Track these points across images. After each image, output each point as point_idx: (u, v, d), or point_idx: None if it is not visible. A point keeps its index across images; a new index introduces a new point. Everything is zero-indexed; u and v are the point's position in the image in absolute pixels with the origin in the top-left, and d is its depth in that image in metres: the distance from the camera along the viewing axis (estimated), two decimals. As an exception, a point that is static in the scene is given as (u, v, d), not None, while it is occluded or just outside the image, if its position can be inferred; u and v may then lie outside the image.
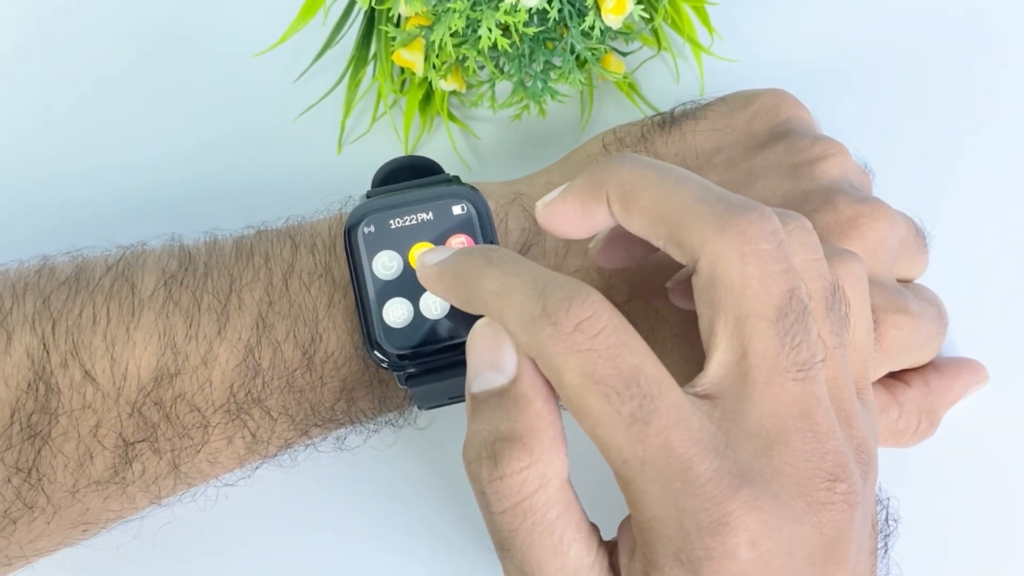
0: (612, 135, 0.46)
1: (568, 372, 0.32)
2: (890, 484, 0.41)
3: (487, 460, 0.33)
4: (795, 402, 0.33)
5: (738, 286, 0.33)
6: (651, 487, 0.32)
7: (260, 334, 0.41)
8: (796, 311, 0.33)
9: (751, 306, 0.33)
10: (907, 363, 0.45)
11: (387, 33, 0.49)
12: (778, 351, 0.33)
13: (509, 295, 0.34)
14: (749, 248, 0.33)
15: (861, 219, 0.42)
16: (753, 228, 0.33)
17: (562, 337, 0.32)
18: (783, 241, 0.34)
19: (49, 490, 0.40)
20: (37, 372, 0.40)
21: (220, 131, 0.53)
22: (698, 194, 0.34)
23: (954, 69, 0.53)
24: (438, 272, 0.37)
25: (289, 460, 0.44)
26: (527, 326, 0.33)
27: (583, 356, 0.32)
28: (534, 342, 0.33)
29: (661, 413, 0.32)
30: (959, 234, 0.50)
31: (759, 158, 0.44)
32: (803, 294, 0.33)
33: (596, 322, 0.32)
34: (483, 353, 0.34)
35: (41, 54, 0.55)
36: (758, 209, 0.34)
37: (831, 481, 0.33)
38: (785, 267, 0.33)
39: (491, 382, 0.34)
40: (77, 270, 0.42)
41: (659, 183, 0.35)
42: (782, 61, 0.53)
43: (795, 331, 0.33)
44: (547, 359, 0.32)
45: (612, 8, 0.46)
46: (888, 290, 0.42)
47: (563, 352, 0.32)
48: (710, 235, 0.33)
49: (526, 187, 0.45)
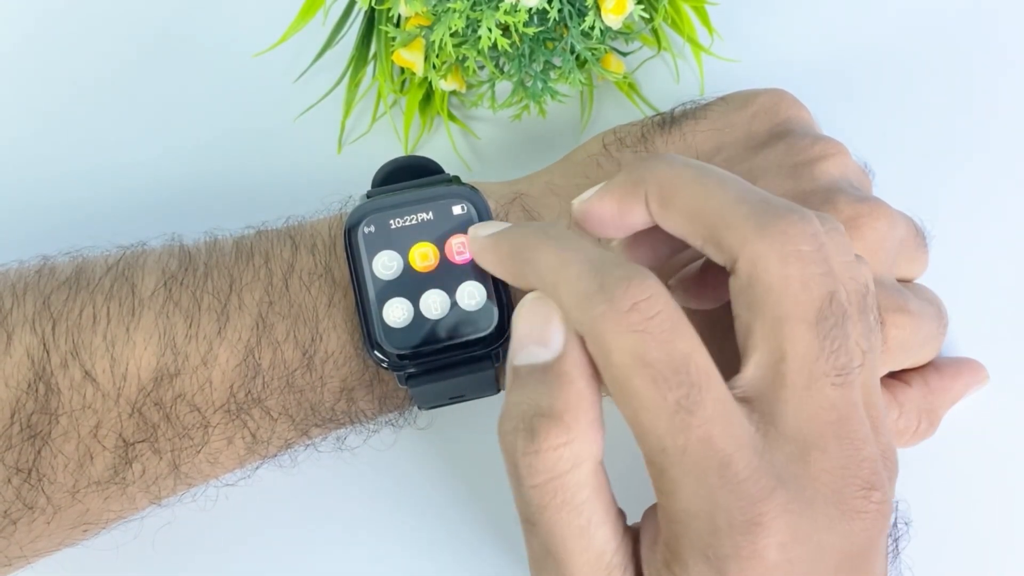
0: (612, 135, 0.46)
1: (618, 351, 0.32)
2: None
3: (524, 432, 0.33)
4: (833, 408, 0.33)
5: (778, 287, 0.33)
6: (687, 478, 0.31)
7: (260, 334, 0.41)
8: (836, 314, 0.33)
9: (791, 308, 0.33)
10: (907, 363, 0.45)
11: (387, 33, 0.49)
12: (817, 355, 0.32)
13: (566, 269, 0.33)
14: (790, 249, 0.33)
15: (861, 219, 0.42)
16: (794, 229, 0.33)
17: (617, 315, 0.32)
18: (824, 244, 0.33)
19: (49, 490, 0.40)
20: (37, 372, 0.40)
21: (220, 131, 0.53)
22: (739, 194, 0.34)
23: (954, 69, 0.53)
24: (493, 243, 0.37)
25: (289, 460, 0.44)
26: (582, 301, 0.33)
27: (636, 337, 0.31)
28: (587, 317, 0.32)
29: (706, 405, 0.31)
30: (959, 234, 0.50)
31: (759, 158, 0.44)
32: (843, 298, 0.33)
33: (653, 304, 0.32)
34: (530, 326, 0.34)
35: (41, 54, 0.55)
36: (799, 211, 0.34)
37: (867, 489, 0.32)
38: (825, 269, 0.33)
39: (536, 356, 0.34)
40: (77, 270, 0.42)
41: (699, 182, 0.35)
42: (782, 61, 0.53)
43: (835, 335, 0.33)
44: (598, 336, 0.32)
45: (612, 8, 0.46)
46: (888, 290, 0.42)
47: (616, 330, 0.32)
48: (750, 235, 0.33)
49: (526, 187, 0.45)
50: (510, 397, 0.34)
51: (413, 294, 0.40)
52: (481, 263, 0.38)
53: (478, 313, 0.40)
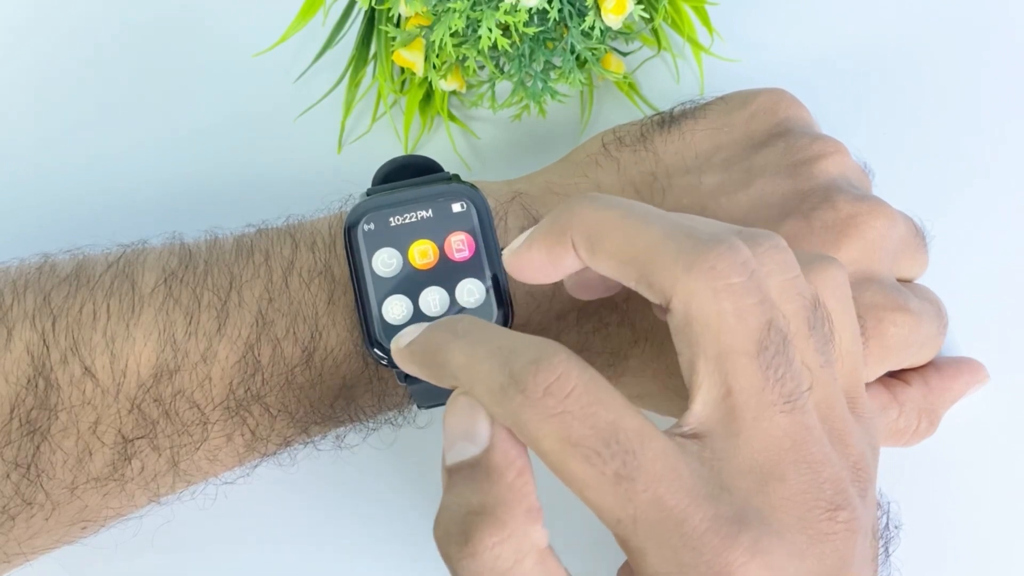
0: (612, 135, 0.46)
1: (545, 439, 0.31)
2: (889, 485, 0.41)
3: (457, 536, 0.31)
4: (785, 435, 0.32)
5: (714, 323, 0.32)
6: (648, 544, 0.31)
7: (260, 331, 0.41)
8: (776, 342, 0.32)
9: (730, 342, 0.32)
10: (907, 362, 0.45)
11: (387, 33, 0.49)
12: (763, 385, 0.32)
13: (477, 366, 0.33)
14: (721, 284, 0.32)
15: (860, 217, 0.42)
16: (722, 263, 0.32)
17: (533, 403, 0.31)
18: (755, 271, 0.33)
19: (48, 486, 0.40)
20: (37, 368, 0.40)
21: (220, 131, 0.53)
22: (664, 232, 0.34)
23: (954, 69, 0.53)
24: (409, 353, 0.36)
25: (288, 458, 0.44)
26: (497, 397, 0.32)
27: (557, 420, 0.31)
28: (506, 412, 0.32)
29: (646, 467, 0.31)
30: (959, 234, 0.50)
31: (758, 157, 0.44)
32: (781, 323, 0.33)
33: (565, 383, 0.31)
34: (457, 424, 0.33)
35: (41, 54, 0.56)
36: (726, 241, 0.33)
37: (832, 511, 0.32)
38: (759, 298, 0.33)
39: (464, 453, 0.33)
40: (78, 267, 0.42)
41: (623, 224, 0.34)
42: (782, 61, 0.53)
43: (777, 363, 0.32)
44: (522, 427, 0.31)
45: (612, 8, 0.46)
46: (888, 289, 0.42)
47: (537, 419, 0.31)
48: (680, 274, 0.33)
49: (526, 186, 0.45)
50: (443, 501, 0.33)
51: (413, 291, 0.40)
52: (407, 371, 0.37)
53: (477, 310, 0.40)
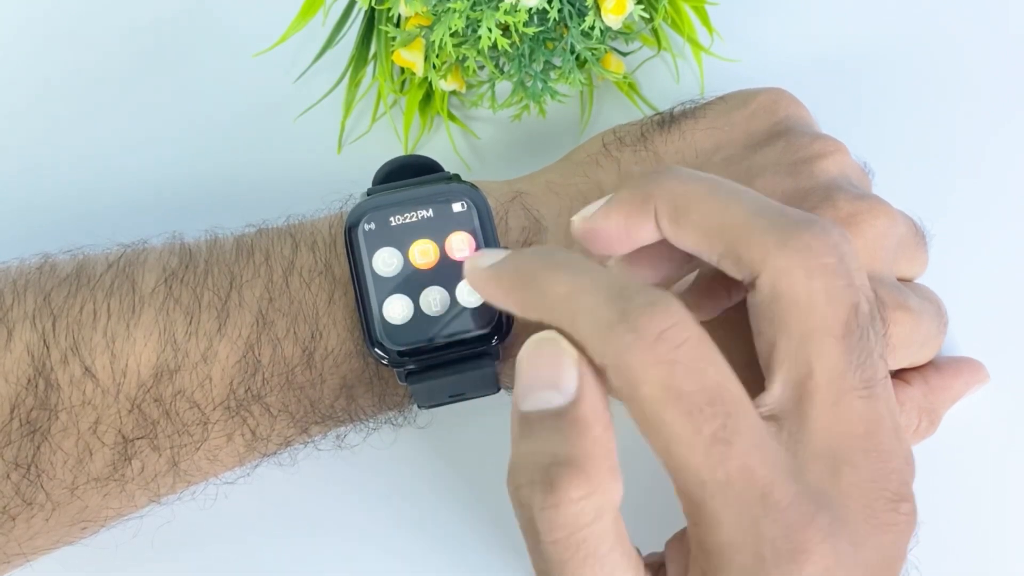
0: (612, 134, 0.46)
1: (647, 384, 0.30)
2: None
3: (541, 485, 0.31)
4: (861, 421, 0.32)
5: (804, 302, 0.32)
6: (727, 511, 0.30)
7: (260, 331, 0.41)
8: (862, 327, 0.32)
9: (818, 322, 0.32)
10: (907, 361, 0.45)
11: (387, 33, 0.49)
12: (845, 369, 0.32)
13: (581, 298, 0.31)
14: (815, 263, 0.32)
15: (861, 216, 0.42)
16: (818, 242, 0.32)
17: (644, 346, 0.30)
18: (845, 254, 0.33)
19: (48, 486, 0.40)
20: (37, 368, 0.40)
21: (220, 131, 0.53)
22: (756, 207, 0.33)
23: (954, 69, 0.53)
24: (494, 274, 0.34)
25: (289, 458, 0.44)
26: (603, 332, 0.31)
27: (665, 368, 0.30)
28: (611, 350, 0.31)
29: (743, 434, 0.30)
30: (958, 234, 0.50)
31: (758, 156, 0.44)
32: (866, 309, 0.33)
33: (680, 332, 0.30)
34: (540, 370, 0.32)
35: (42, 54, 0.56)
36: (820, 223, 0.33)
37: (896, 502, 0.32)
38: (848, 281, 0.32)
39: (548, 402, 0.31)
40: (78, 267, 0.42)
41: (713, 196, 0.34)
42: (782, 61, 0.53)
43: (861, 347, 0.32)
44: (625, 369, 0.30)
45: (612, 8, 0.46)
46: (888, 287, 0.42)
47: (644, 362, 0.30)
48: (773, 249, 0.32)
49: (526, 186, 0.45)
50: (520, 447, 0.32)
51: (413, 291, 0.40)
52: (484, 296, 0.35)
53: (478, 310, 0.40)
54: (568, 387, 0.32)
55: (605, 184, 0.45)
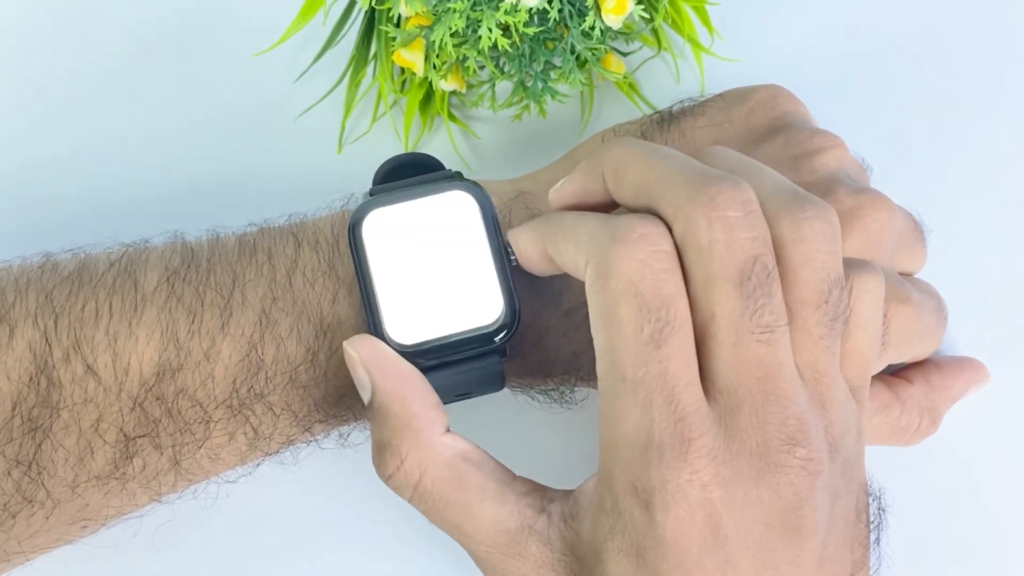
0: (612, 133, 0.47)
1: (616, 276, 0.34)
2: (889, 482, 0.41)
3: (378, 467, 0.38)
4: (760, 364, 0.34)
5: (705, 249, 0.34)
6: (632, 409, 0.34)
7: (263, 330, 0.41)
8: (759, 275, 0.34)
9: (716, 268, 0.34)
10: (908, 355, 0.45)
11: (387, 33, 0.49)
12: (743, 311, 0.34)
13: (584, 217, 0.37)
14: (717, 215, 0.34)
15: (862, 209, 0.42)
16: (723, 196, 0.35)
17: (624, 240, 0.34)
18: (753, 211, 0.35)
19: (49, 484, 0.40)
20: (39, 366, 0.39)
21: (220, 131, 0.53)
22: (679, 167, 0.36)
23: (953, 67, 0.54)
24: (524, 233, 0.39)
25: (291, 457, 0.44)
26: (595, 232, 0.35)
27: (636, 265, 0.34)
28: (595, 244, 0.35)
29: (672, 343, 0.34)
30: (957, 231, 0.50)
31: (758, 152, 0.44)
32: (767, 261, 0.35)
33: (657, 240, 0.35)
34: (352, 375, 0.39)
35: (43, 53, 0.55)
36: (732, 180, 0.35)
37: (790, 445, 0.34)
38: (752, 235, 0.35)
39: (363, 398, 0.39)
40: (80, 266, 0.42)
41: (644, 157, 0.37)
42: (782, 61, 0.53)
43: (758, 295, 0.34)
44: (604, 260, 0.34)
45: (612, 8, 0.46)
46: (889, 280, 0.42)
47: (620, 254, 0.34)
48: (683, 201, 0.35)
49: (529, 185, 0.45)
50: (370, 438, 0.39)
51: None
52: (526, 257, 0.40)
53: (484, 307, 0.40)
54: (364, 382, 0.38)
55: None
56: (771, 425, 0.34)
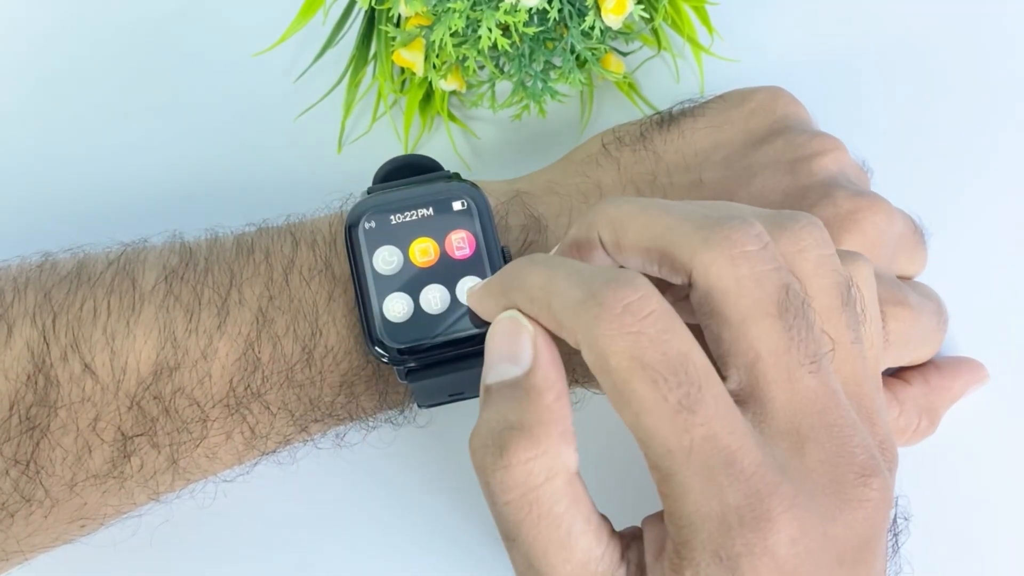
0: (611, 134, 0.46)
1: (615, 355, 0.31)
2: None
3: (493, 448, 0.33)
4: (816, 397, 0.33)
5: (734, 289, 0.33)
6: (694, 480, 0.31)
7: (260, 329, 0.41)
8: (795, 304, 0.33)
9: (751, 306, 0.33)
10: (907, 358, 0.45)
11: (387, 33, 0.49)
12: (788, 345, 0.33)
13: (554, 283, 0.34)
14: (737, 251, 0.33)
15: (860, 213, 0.42)
16: (737, 233, 0.33)
17: (609, 318, 0.32)
18: (769, 243, 0.34)
19: (47, 483, 0.40)
20: (37, 365, 0.40)
21: (220, 131, 0.53)
22: (681, 215, 0.35)
23: (952, 68, 0.54)
24: (485, 287, 0.37)
25: (288, 457, 0.44)
26: (574, 309, 0.32)
27: (631, 339, 0.31)
28: (581, 324, 0.32)
29: (707, 403, 0.31)
30: (957, 233, 0.50)
31: (758, 154, 0.44)
32: (798, 288, 0.33)
33: (644, 304, 0.32)
34: (500, 345, 0.34)
35: (42, 53, 0.56)
36: (739, 217, 0.34)
37: (864, 476, 0.32)
38: (775, 265, 0.33)
39: (505, 373, 0.34)
40: (78, 265, 0.42)
41: (644, 213, 0.35)
42: (782, 61, 0.53)
43: (798, 324, 0.33)
44: (593, 341, 0.32)
45: (612, 8, 0.46)
46: (887, 284, 0.42)
47: (610, 334, 0.32)
48: (698, 246, 0.33)
49: (526, 185, 0.45)
50: (481, 416, 0.34)
51: (413, 289, 0.40)
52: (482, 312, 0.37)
53: None
54: (523, 358, 0.34)
55: (604, 183, 0.45)
56: (841, 459, 0.32)
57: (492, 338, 0.35)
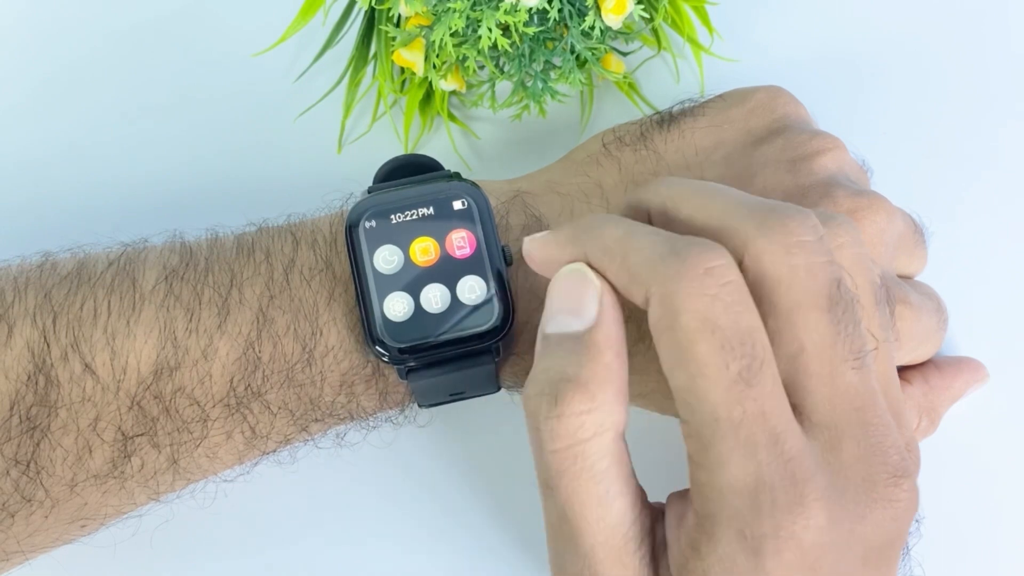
0: (612, 134, 0.46)
1: (688, 313, 0.32)
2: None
3: (548, 397, 0.33)
4: (857, 394, 0.33)
5: (786, 278, 0.33)
6: (735, 452, 0.31)
7: (260, 328, 0.41)
8: (845, 299, 0.33)
9: (801, 297, 0.33)
10: (908, 358, 0.45)
11: (387, 33, 0.49)
12: (834, 340, 0.33)
13: (633, 238, 0.34)
14: (793, 241, 0.33)
15: (860, 212, 0.42)
16: (794, 223, 0.33)
17: (691, 276, 0.32)
18: (823, 236, 0.34)
19: (47, 483, 0.40)
20: (37, 365, 0.40)
21: (220, 131, 0.53)
22: (738, 199, 0.35)
23: (952, 68, 0.54)
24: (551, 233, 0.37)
25: (288, 457, 0.44)
26: (654, 263, 0.33)
27: (708, 300, 0.32)
28: (659, 278, 0.32)
29: (766, 380, 0.32)
30: (957, 233, 0.50)
31: (758, 153, 0.44)
32: (849, 283, 0.34)
33: (726, 272, 0.32)
34: (565, 296, 0.34)
35: (42, 52, 0.56)
36: (797, 207, 0.34)
37: (896, 477, 0.33)
38: (829, 259, 0.33)
39: (567, 326, 0.34)
40: (79, 265, 0.42)
41: (698, 194, 0.36)
42: (782, 61, 0.53)
43: (846, 319, 0.33)
44: (669, 297, 0.32)
45: (612, 8, 0.46)
46: (889, 282, 0.42)
47: (688, 292, 0.32)
48: (753, 233, 0.33)
49: (527, 185, 0.45)
50: (538, 364, 0.34)
51: (414, 288, 0.40)
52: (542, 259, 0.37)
53: (479, 307, 0.40)
54: (588, 314, 0.34)
55: (605, 183, 0.45)
56: (875, 458, 0.32)
57: (556, 287, 0.35)
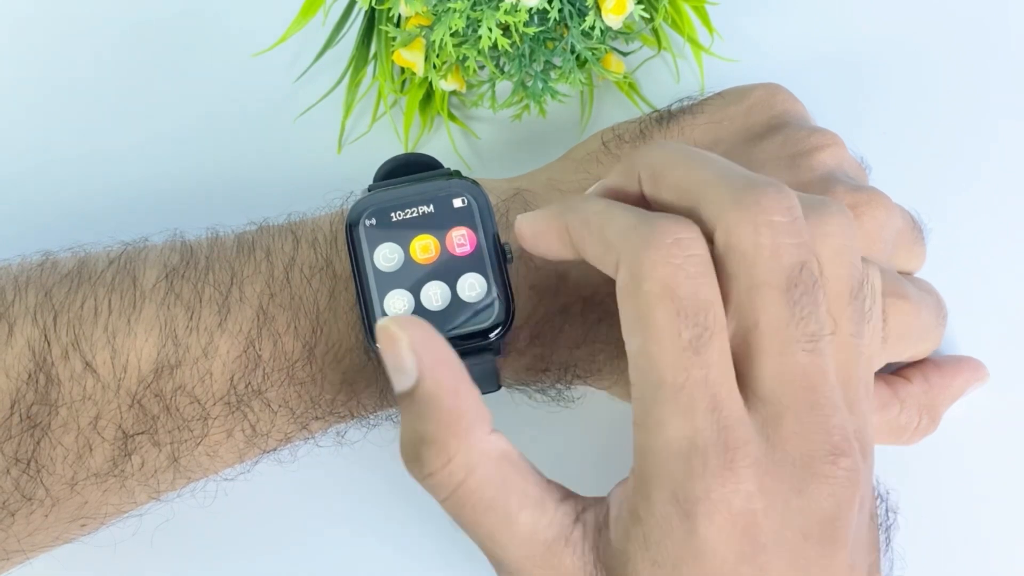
0: (611, 132, 0.47)
1: (650, 279, 0.33)
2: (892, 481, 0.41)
3: (413, 463, 0.34)
4: (805, 374, 0.33)
5: (750, 255, 0.34)
6: (674, 415, 0.33)
7: (261, 326, 0.41)
8: (805, 283, 0.34)
9: (762, 275, 0.34)
10: (907, 354, 0.45)
11: (387, 33, 0.49)
12: (788, 320, 0.33)
13: (612, 211, 0.35)
14: (763, 219, 0.34)
15: (859, 207, 0.42)
16: (768, 200, 0.34)
17: (658, 244, 0.33)
18: (799, 218, 0.34)
19: (48, 482, 0.40)
20: (38, 363, 0.40)
21: (221, 131, 0.53)
22: (721, 171, 0.36)
23: (950, 67, 0.54)
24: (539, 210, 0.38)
25: (289, 455, 0.44)
26: (625, 232, 0.34)
27: (672, 269, 0.33)
28: (628, 246, 0.34)
29: (713, 351, 0.33)
30: (956, 230, 0.50)
31: (757, 150, 0.44)
32: (814, 268, 0.34)
33: (693, 245, 0.33)
34: (388, 355, 0.35)
35: (43, 53, 0.56)
36: (776, 185, 0.35)
37: (835, 455, 0.33)
38: (798, 241, 0.34)
39: (401, 385, 0.34)
40: (79, 264, 0.42)
41: (685, 161, 0.37)
42: (782, 61, 0.53)
43: (804, 302, 0.34)
44: (636, 262, 0.33)
45: (612, 8, 0.46)
46: (887, 277, 0.42)
47: (654, 258, 0.33)
48: (727, 206, 0.34)
49: (527, 183, 0.45)
50: (401, 428, 0.35)
51: (414, 286, 0.40)
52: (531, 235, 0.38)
53: (479, 304, 0.40)
54: (409, 368, 0.34)
55: None
56: (816, 435, 0.33)
57: (381, 348, 0.35)
